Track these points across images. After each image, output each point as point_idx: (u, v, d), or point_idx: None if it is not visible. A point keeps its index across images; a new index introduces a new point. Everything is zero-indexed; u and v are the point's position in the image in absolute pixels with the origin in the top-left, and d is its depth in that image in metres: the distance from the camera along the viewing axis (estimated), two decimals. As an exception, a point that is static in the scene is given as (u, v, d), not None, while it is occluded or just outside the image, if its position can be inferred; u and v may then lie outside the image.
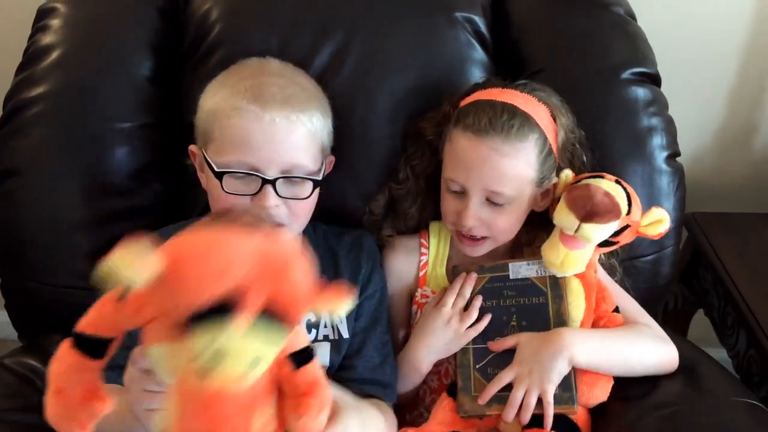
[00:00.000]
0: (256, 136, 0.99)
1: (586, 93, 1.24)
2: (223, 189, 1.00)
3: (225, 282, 0.62)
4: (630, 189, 1.07)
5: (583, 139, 1.17)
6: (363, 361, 1.10)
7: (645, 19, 1.35)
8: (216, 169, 1.00)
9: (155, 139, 1.24)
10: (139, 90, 1.22)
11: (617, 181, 1.07)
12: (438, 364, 1.13)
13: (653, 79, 1.28)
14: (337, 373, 1.08)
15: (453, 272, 1.15)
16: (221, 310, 0.62)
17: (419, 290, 1.17)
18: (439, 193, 1.15)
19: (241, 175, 1.00)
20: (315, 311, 0.73)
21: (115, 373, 1.01)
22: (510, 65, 1.29)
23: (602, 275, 1.15)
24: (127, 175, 1.21)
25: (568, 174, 1.10)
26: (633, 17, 1.33)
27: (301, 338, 0.79)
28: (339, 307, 0.72)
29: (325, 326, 1.10)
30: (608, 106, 1.24)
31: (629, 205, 1.05)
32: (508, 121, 1.05)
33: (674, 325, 1.66)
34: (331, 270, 1.13)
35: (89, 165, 1.19)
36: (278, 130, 0.99)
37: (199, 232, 0.68)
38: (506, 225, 1.09)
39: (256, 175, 1.00)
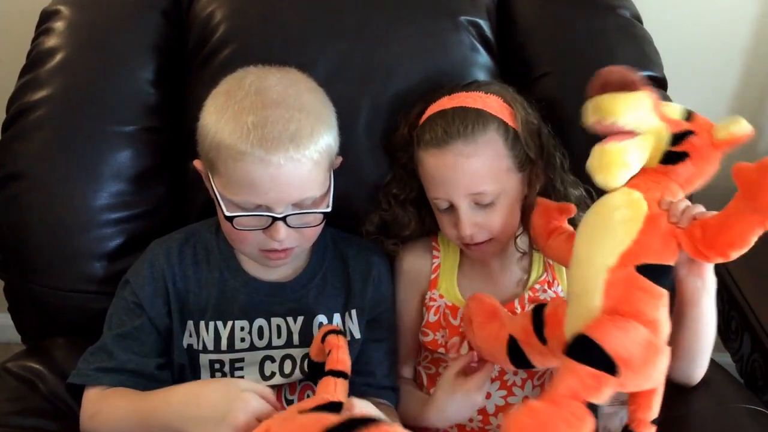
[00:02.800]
0: (263, 181, 0.98)
1: (592, 97, 1.24)
2: (234, 227, 1.01)
3: None
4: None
5: (542, 123, 1.15)
6: (381, 367, 1.12)
7: (649, 22, 1.34)
8: (226, 213, 1.00)
9: (158, 142, 1.24)
10: (143, 93, 1.22)
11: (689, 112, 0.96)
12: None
13: (660, 83, 1.27)
14: (357, 378, 1.07)
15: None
16: None
17: (428, 293, 1.16)
18: (430, 208, 1.15)
19: (252, 215, 1.01)
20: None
21: (123, 376, 1.02)
22: (515, 69, 1.29)
23: None
24: (131, 178, 1.20)
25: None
26: (639, 20, 1.33)
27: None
28: None
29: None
30: (614, 110, 1.24)
31: (690, 113, 0.95)
32: (462, 123, 1.05)
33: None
34: (341, 273, 1.13)
35: (93, 168, 1.18)
36: (285, 172, 0.98)
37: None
38: (502, 221, 1.08)
39: (266, 215, 1.00)
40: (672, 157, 0.93)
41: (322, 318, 1.10)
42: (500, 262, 1.15)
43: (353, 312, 1.12)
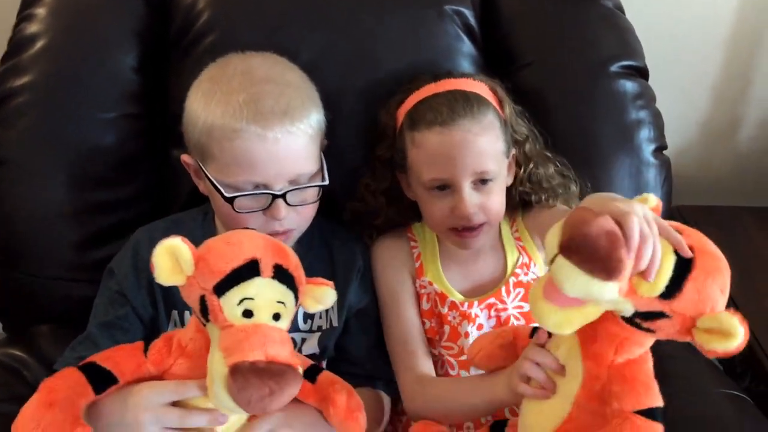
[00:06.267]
0: (261, 156, 0.98)
1: (574, 86, 1.25)
2: (234, 210, 1.00)
3: (244, 254, 0.81)
4: (703, 265, 0.76)
5: (522, 112, 1.17)
6: (369, 358, 1.11)
7: (631, 12, 1.35)
8: (226, 194, 0.99)
9: (141, 130, 1.23)
10: (125, 80, 1.22)
11: (685, 260, 0.75)
12: None
13: (641, 73, 1.28)
14: (345, 367, 1.09)
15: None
16: (246, 274, 0.80)
17: (417, 281, 1.16)
18: (401, 203, 1.15)
19: (251, 194, 1.00)
20: (304, 305, 0.86)
21: None
22: (499, 58, 1.29)
23: None
24: (113, 165, 1.20)
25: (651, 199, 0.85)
26: (621, 10, 1.33)
27: (301, 361, 0.90)
28: (324, 296, 0.88)
29: (320, 317, 1.11)
30: (596, 99, 1.25)
31: (678, 289, 0.75)
32: (466, 103, 1.06)
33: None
34: (325, 263, 1.13)
35: (75, 155, 1.18)
36: (282, 146, 0.98)
37: (215, 237, 0.86)
38: (498, 203, 1.09)
39: (266, 193, 1.00)
40: (636, 325, 0.79)
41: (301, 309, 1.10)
42: (476, 251, 1.15)
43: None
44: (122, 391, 0.86)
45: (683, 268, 0.75)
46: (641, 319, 0.77)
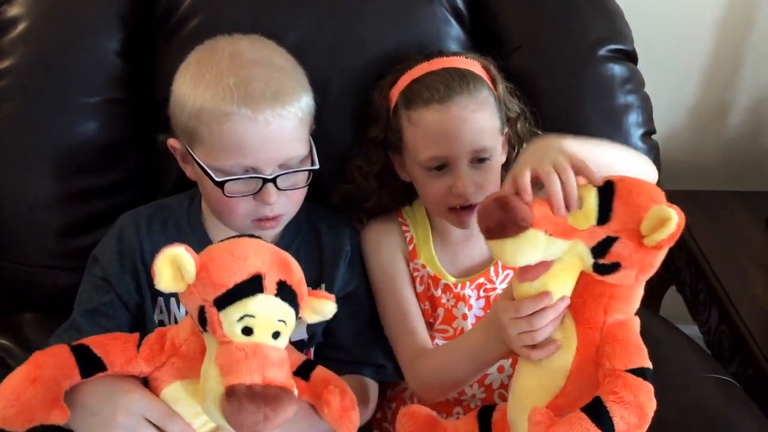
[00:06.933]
0: (251, 140, 0.97)
1: (563, 69, 1.24)
2: (224, 194, 0.99)
3: (248, 268, 0.79)
4: (624, 185, 0.82)
5: (511, 90, 1.17)
6: (357, 343, 1.11)
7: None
8: (216, 179, 0.98)
9: (125, 115, 1.21)
10: (108, 64, 1.20)
11: (607, 183, 0.82)
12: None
13: (630, 56, 1.28)
14: (332, 353, 1.10)
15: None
16: (248, 290, 0.79)
17: (411, 263, 1.15)
18: (392, 185, 1.15)
19: (242, 178, 0.99)
20: (303, 316, 0.86)
21: None
22: (487, 42, 1.28)
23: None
24: (98, 151, 1.18)
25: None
26: (611, -7, 1.33)
27: (294, 356, 0.93)
28: (324, 309, 0.88)
29: None
30: (585, 82, 1.24)
31: (608, 210, 0.81)
32: (462, 80, 1.06)
33: (647, 301, 1.67)
34: (314, 247, 1.13)
35: (58, 141, 1.16)
36: (272, 129, 0.97)
37: (219, 242, 0.85)
38: (496, 181, 1.08)
39: (257, 177, 0.98)
40: (603, 268, 0.82)
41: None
42: (465, 233, 1.14)
43: (322, 287, 1.11)
44: (112, 383, 0.86)
45: (607, 193, 0.81)
46: (600, 257, 0.81)
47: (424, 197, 1.12)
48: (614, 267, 0.82)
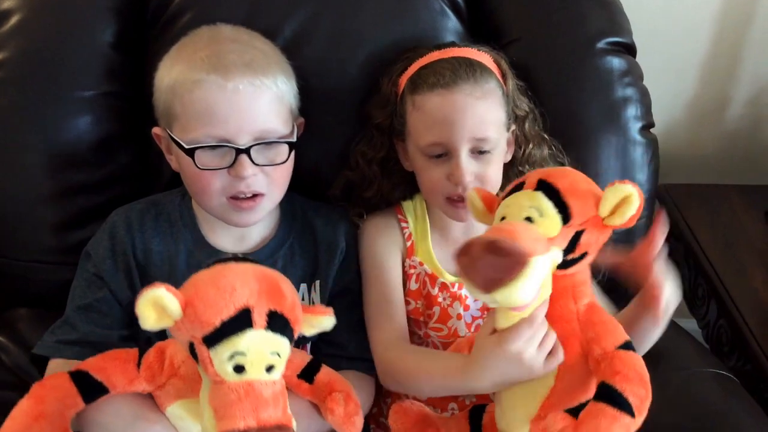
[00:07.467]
0: (221, 106, 0.96)
1: (561, 62, 1.24)
2: (196, 166, 0.98)
3: (235, 302, 0.76)
4: (558, 181, 0.84)
5: (522, 89, 1.17)
6: (352, 338, 1.10)
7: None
8: (186, 146, 0.97)
9: (120, 109, 1.21)
10: (102, 57, 1.19)
11: (541, 185, 0.84)
12: None
13: (629, 49, 1.27)
14: (328, 349, 1.09)
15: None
16: (236, 327, 0.76)
17: (407, 260, 1.15)
18: (395, 175, 1.14)
19: (213, 147, 0.97)
20: (302, 332, 0.85)
21: (86, 349, 1.00)
22: (485, 34, 1.27)
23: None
24: (92, 145, 1.18)
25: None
26: (609, -14, 1.32)
27: (299, 357, 0.94)
28: (322, 324, 0.86)
29: (304, 302, 1.10)
30: (583, 75, 1.23)
31: (566, 208, 0.82)
32: (469, 68, 1.06)
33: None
34: (309, 243, 1.12)
35: (52, 135, 1.15)
36: (243, 97, 0.97)
37: (204, 271, 0.80)
38: (496, 174, 1.08)
39: (229, 146, 0.97)
40: (571, 262, 0.84)
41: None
42: (464, 228, 1.13)
43: (317, 283, 1.11)
44: (137, 407, 0.90)
45: (553, 194, 0.83)
46: (570, 252, 0.83)
47: (423, 186, 1.11)
48: (581, 257, 0.85)
